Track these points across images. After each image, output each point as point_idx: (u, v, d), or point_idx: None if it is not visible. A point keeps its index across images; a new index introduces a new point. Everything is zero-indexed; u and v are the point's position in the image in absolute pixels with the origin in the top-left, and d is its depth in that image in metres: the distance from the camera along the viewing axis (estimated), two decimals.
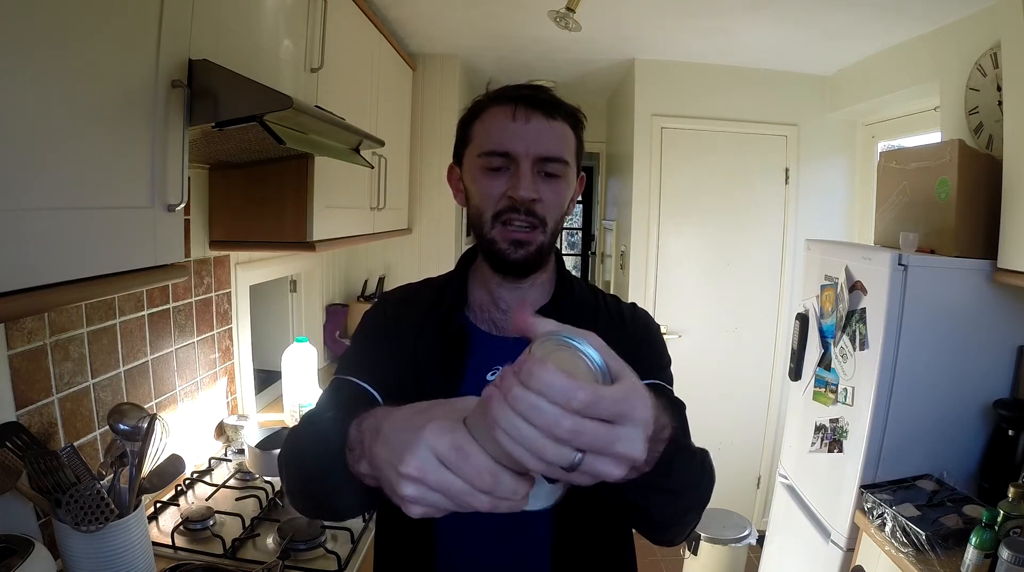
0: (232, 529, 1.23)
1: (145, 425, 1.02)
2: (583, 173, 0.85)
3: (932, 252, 1.68)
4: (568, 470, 0.37)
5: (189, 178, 0.93)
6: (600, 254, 4.23)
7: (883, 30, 2.18)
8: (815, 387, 1.95)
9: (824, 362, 1.90)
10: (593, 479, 0.39)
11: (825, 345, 1.90)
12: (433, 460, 0.40)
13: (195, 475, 1.47)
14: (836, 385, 1.82)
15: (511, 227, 0.75)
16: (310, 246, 1.51)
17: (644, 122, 2.83)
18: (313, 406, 0.79)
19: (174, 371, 1.46)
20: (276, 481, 1.44)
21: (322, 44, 1.44)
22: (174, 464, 1.11)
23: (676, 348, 2.91)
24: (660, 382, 0.78)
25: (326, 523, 1.21)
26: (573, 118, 0.79)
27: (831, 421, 1.82)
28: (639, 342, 0.83)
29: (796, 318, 2.10)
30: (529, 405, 0.36)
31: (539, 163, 0.75)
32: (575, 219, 6.47)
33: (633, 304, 0.90)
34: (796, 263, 2.81)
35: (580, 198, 0.92)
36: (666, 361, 0.85)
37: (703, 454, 0.66)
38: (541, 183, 0.76)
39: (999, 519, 1.25)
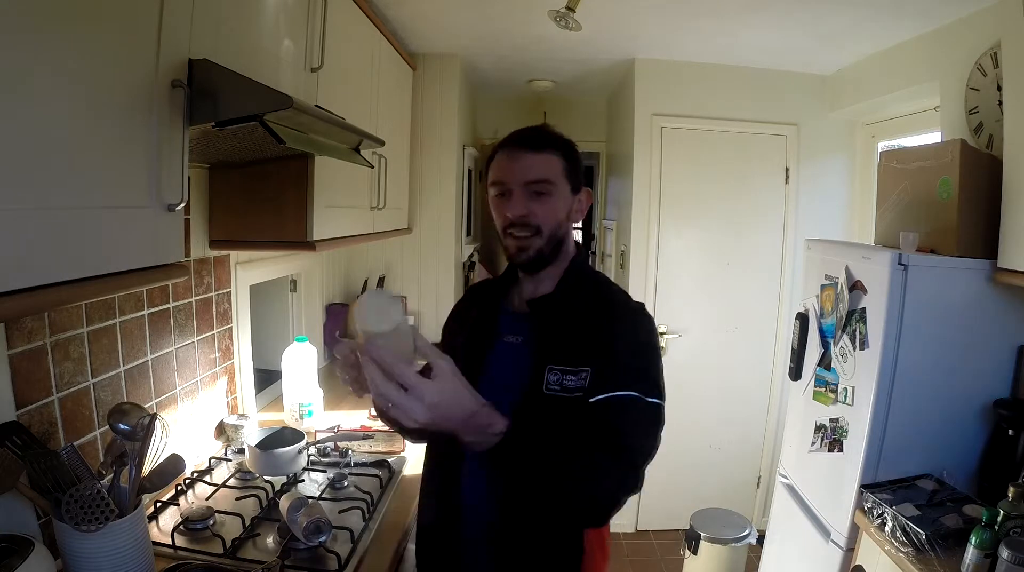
0: (232, 529, 1.23)
1: (145, 425, 1.02)
2: (587, 187, 1.07)
3: (932, 251, 1.68)
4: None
5: (189, 178, 0.93)
6: (600, 254, 4.23)
7: (883, 30, 2.18)
8: (815, 387, 1.95)
9: (824, 362, 1.90)
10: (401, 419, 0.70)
11: (825, 345, 1.90)
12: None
13: (195, 475, 1.46)
14: (836, 385, 1.82)
15: (514, 239, 1.01)
16: (310, 246, 1.51)
17: (644, 122, 2.83)
18: None
19: (174, 371, 1.46)
20: (276, 480, 1.44)
21: (322, 44, 1.44)
22: (174, 464, 1.11)
23: (676, 348, 2.92)
24: (632, 393, 0.90)
25: (327, 517, 1.21)
26: (561, 147, 1.02)
27: (831, 421, 1.82)
28: (616, 351, 0.95)
29: (796, 318, 2.10)
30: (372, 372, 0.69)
31: (528, 186, 0.98)
32: None
33: (638, 309, 1.02)
34: (796, 263, 2.81)
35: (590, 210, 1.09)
36: (645, 373, 0.94)
37: (581, 461, 0.83)
38: (533, 201, 0.99)
39: (999, 519, 1.25)
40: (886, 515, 1.45)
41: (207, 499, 1.37)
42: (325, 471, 1.53)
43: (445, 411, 0.70)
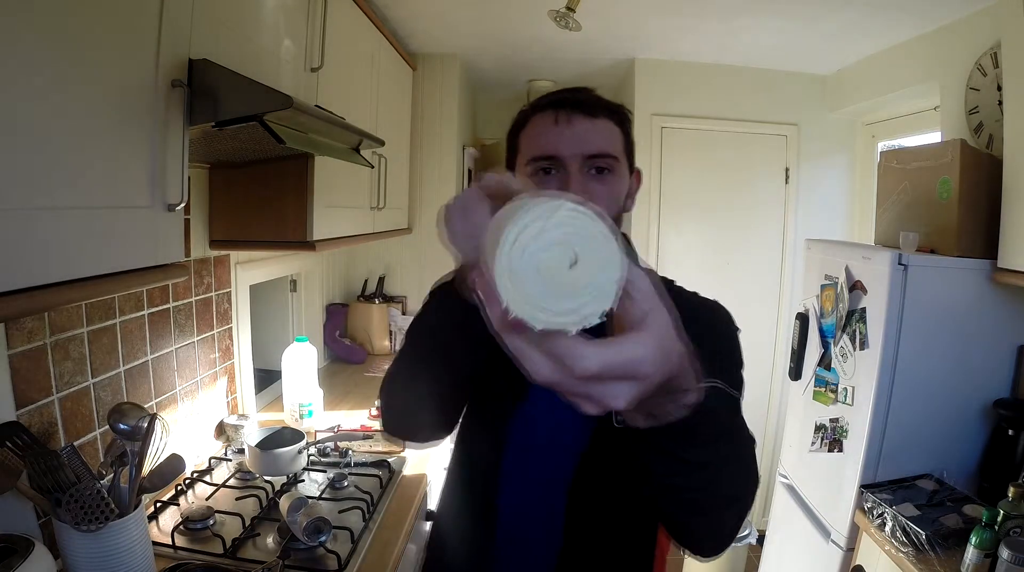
0: (232, 529, 1.23)
1: (145, 425, 1.02)
2: (639, 169, 0.86)
3: (932, 251, 1.68)
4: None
5: (189, 178, 0.93)
6: None
7: (883, 30, 2.18)
8: (815, 387, 1.95)
9: (824, 362, 1.90)
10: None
11: (825, 345, 1.90)
12: None
13: (195, 475, 1.46)
14: (836, 385, 1.82)
15: None
16: (310, 246, 1.51)
17: (644, 122, 2.83)
18: None
19: (174, 371, 1.46)
20: (276, 480, 1.44)
21: (322, 44, 1.44)
22: (174, 464, 1.11)
23: None
24: (715, 382, 0.77)
25: (327, 517, 1.21)
26: (617, 114, 0.80)
27: (831, 421, 1.82)
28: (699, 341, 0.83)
29: (796, 318, 2.10)
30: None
31: (587, 162, 0.76)
32: None
33: (714, 303, 0.92)
34: (796, 263, 2.80)
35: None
36: (729, 364, 0.84)
37: (745, 442, 0.63)
38: (592, 181, 0.77)
39: (999, 519, 1.26)
40: (886, 515, 1.45)
41: (207, 499, 1.37)
42: (325, 471, 1.53)
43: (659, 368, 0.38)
